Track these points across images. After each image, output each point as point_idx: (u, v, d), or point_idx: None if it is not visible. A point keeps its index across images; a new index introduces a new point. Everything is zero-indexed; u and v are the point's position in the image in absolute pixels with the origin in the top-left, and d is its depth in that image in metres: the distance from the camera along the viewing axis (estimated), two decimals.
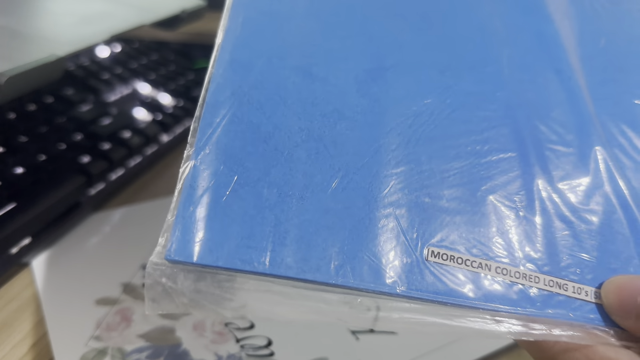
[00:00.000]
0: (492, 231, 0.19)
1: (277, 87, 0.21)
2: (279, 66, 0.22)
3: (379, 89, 0.22)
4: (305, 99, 0.21)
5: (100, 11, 0.40)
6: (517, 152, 0.21)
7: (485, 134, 0.21)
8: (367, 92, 0.22)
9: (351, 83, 0.22)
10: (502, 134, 0.21)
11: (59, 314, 0.27)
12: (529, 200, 0.20)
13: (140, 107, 0.48)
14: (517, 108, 0.22)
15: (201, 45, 0.61)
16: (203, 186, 0.19)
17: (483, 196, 0.19)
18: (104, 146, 0.38)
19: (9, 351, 0.25)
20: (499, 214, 0.19)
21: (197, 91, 0.52)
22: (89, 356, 0.25)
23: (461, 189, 0.19)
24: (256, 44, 0.23)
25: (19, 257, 0.30)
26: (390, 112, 0.21)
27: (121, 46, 0.54)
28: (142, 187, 0.41)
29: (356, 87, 0.22)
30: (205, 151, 0.20)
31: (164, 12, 0.44)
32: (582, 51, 0.24)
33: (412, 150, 0.20)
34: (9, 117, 0.37)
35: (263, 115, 0.21)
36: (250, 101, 0.21)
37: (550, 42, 0.24)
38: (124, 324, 0.27)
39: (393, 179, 0.20)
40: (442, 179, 0.20)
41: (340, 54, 0.23)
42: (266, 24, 0.23)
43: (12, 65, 0.26)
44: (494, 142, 0.21)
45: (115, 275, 0.30)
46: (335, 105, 0.21)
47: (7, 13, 0.35)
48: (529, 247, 0.19)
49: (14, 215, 0.30)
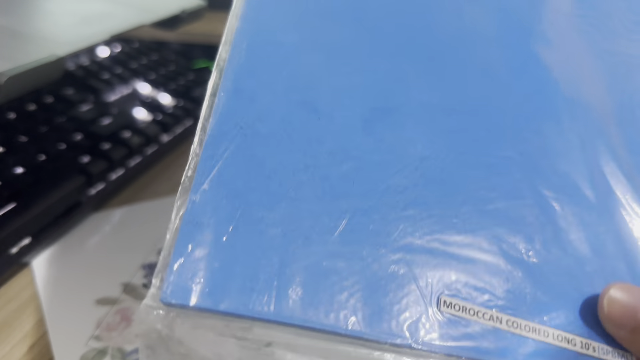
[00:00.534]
0: (503, 281, 0.18)
1: (282, 121, 0.21)
2: (285, 99, 0.22)
3: (386, 129, 0.21)
4: (311, 135, 0.21)
5: (100, 11, 0.40)
6: (524, 200, 0.20)
7: (492, 181, 0.20)
8: (373, 132, 0.21)
9: (357, 121, 0.21)
10: (509, 181, 0.21)
11: (59, 313, 0.27)
12: (538, 250, 0.19)
13: (140, 107, 0.48)
14: (524, 156, 0.21)
15: (201, 46, 0.61)
16: (203, 223, 0.18)
17: (492, 244, 0.19)
18: (104, 146, 0.38)
19: (8, 351, 0.25)
20: (508, 264, 0.19)
21: (197, 91, 0.53)
22: (89, 356, 0.25)
23: (470, 236, 0.19)
24: (261, 74, 0.22)
25: (19, 257, 0.30)
26: (396, 153, 0.21)
27: (121, 46, 0.54)
28: (142, 186, 0.41)
29: (362, 125, 0.21)
30: (205, 186, 0.19)
31: (164, 12, 0.44)
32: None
33: (420, 194, 0.20)
34: (9, 117, 0.37)
35: (267, 149, 0.20)
36: (254, 134, 0.20)
37: (552, 89, 0.23)
38: (124, 323, 0.27)
39: (402, 222, 0.19)
40: (452, 224, 0.19)
41: (347, 91, 0.22)
42: (271, 54, 0.23)
43: (12, 65, 0.26)
44: (500, 189, 0.20)
45: (116, 275, 0.30)
46: (342, 144, 0.21)
47: (7, 13, 0.35)
48: (540, 299, 0.18)
49: (14, 215, 0.30)
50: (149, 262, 0.31)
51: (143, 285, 0.29)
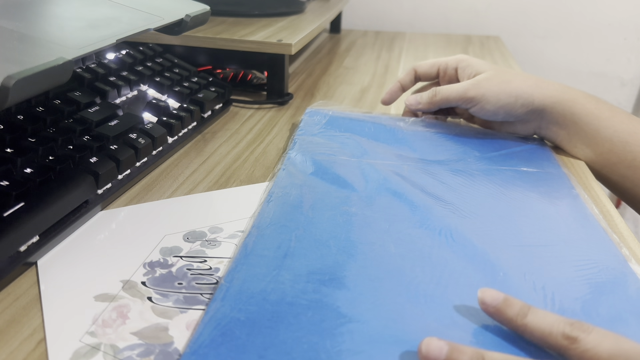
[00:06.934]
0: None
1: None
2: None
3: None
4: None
5: (107, 16, 0.41)
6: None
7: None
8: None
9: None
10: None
11: (57, 309, 0.28)
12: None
13: (146, 109, 0.48)
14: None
15: (205, 50, 0.62)
16: None
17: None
18: (111, 147, 0.39)
19: (17, 347, 0.26)
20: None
21: (201, 94, 0.53)
22: (82, 352, 0.25)
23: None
24: (257, 286, 0.29)
25: (27, 255, 0.30)
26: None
27: (128, 50, 0.55)
28: (148, 186, 0.41)
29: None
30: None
31: (169, 17, 0.44)
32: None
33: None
34: (18, 119, 0.38)
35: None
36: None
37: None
38: (119, 320, 0.27)
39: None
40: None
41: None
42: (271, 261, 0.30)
43: (21, 68, 0.27)
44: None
45: (116, 272, 0.31)
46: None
47: (16, 17, 0.36)
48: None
49: (22, 214, 0.30)
50: (150, 260, 0.32)
51: (142, 283, 0.30)
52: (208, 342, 0.25)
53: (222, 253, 0.33)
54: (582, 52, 1.16)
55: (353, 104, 0.64)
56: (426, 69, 0.54)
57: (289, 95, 0.64)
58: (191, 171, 0.44)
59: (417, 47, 0.98)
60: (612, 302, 0.28)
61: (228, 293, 0.28)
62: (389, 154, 0.46)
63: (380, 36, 1.08)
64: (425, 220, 0.35)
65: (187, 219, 0.36)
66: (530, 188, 0.41)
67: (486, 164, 0.44)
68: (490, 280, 0.30)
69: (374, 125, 0.51)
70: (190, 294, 0.29)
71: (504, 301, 0.26)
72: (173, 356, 0.25)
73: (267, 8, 0.76)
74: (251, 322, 0.26)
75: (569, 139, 0.48)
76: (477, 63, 0.50)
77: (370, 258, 0.31)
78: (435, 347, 0.23)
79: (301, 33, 0.63)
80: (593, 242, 0.34)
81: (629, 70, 1.16)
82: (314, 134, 0.49)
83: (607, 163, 0.45)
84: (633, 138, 0.43)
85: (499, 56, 0.92)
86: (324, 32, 1.10)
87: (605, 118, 0.45)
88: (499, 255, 0.32)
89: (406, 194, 0.38)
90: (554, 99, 0.46)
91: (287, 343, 0.25)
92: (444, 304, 0.28)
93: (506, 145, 0.48)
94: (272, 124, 0.56)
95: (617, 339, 0.23)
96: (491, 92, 0.47)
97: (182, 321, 0.27)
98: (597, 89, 1.18)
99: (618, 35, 1.13)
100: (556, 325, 0.24)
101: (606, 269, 0.31)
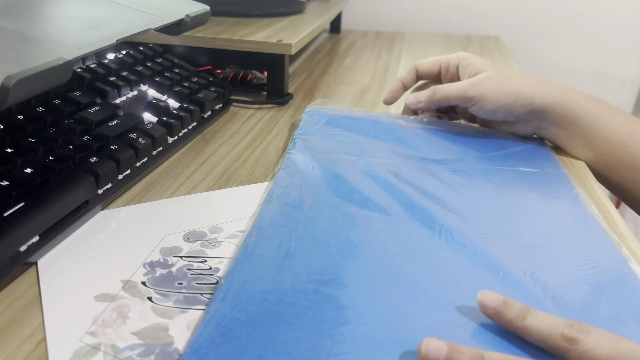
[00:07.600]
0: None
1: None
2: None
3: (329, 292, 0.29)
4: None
5: (107, 16, 0.41)
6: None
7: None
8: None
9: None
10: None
11: (57, 309, 0.28)
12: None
13: (146, 109, 0.48)
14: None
15: (205, 50, 0.62)
16: None
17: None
18: (111, 147, 0.39)
19: (17, 347, 0.26)
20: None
21: (201, 94, 0.53)
22: (82, 352, 0.25)
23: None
24: (256, 287, 0.29)
25: (27, 255, 0.30)
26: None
27: (128, 50, 0.55)
28: (148, 186, 0.41)
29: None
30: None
31: (169, 17, 0.44)
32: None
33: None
34: (18, 119, 0.38)
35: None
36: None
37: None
38: (119, 320, 0.27)
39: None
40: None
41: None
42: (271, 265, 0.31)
43: (21, 68, 0.27)
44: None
45: (117, 272, 0.31)
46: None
47: (16, 17, 0.36)
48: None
49: (22, 214, 0.30)
50: (150, 260, 0.32)
51: (142, 283, 0.30)
52: (208, 342, 0.25)
53: (222, 253, 0.33)
54: (582, 52, 1.16)
55: (353, 104, 0.64)
56: (427, 67, 0.54)
57: (289, 95, 0.64)
58: (191, 171, 0.44)
59: (417, 47, 0.98)
60: (612, 302, 0.28)
61: (228, 293, 0.28)
62: (389, 152, 0.46)
63: (380, 36, 1.08)
64: (426, 220, 0.35)
65: (187, 219, 0.36)
66: (530, 188, 0.41)
67: (486, 164, 0.44)
68: (490, 280, 0.30)
69: (374, 124, 0.51)
70: (190, 294, 0.29)
71: (504, 303, 0.26)
72: (173, 356, 0.25)
73: (267, 8, 0.76)
74: (251, 322, 0.26)
75: (569, 140, 0.48)
76: (478, 61, 0.50)
77: (370, 258, 0.31)
78: (435, 348, 0.23)
79: (301, 33, 0.63)
80: (593, 242, 0.34)
81: (629, 70, 1.16)
82: (313, 133, 0.49)
83: (607, 164, 0.45)
84: (633, 139, 0.43)
85: (498, 56, 0.92)
86: (324, 32, 1.10)
87: (605, 119, 0.45)
88: (499, 255, 0.32)
89: (406, 193, 0.39)
90: (554, 99, 0.46)
91: (287, 343, 0.25)
92: (443, 304, 0.28)
93: (506, 145, 0.48)
94: (272, 124, 0.56)
95: (616, 339, 0.23)
96: (491, 92, 0.47)
97: (182, 321, 0.27)
98: (597, 89, 1.19)
99: (618, 36, 1.13)
100: (555, 327, 0.24)
101: (606, 269, 0.31)
